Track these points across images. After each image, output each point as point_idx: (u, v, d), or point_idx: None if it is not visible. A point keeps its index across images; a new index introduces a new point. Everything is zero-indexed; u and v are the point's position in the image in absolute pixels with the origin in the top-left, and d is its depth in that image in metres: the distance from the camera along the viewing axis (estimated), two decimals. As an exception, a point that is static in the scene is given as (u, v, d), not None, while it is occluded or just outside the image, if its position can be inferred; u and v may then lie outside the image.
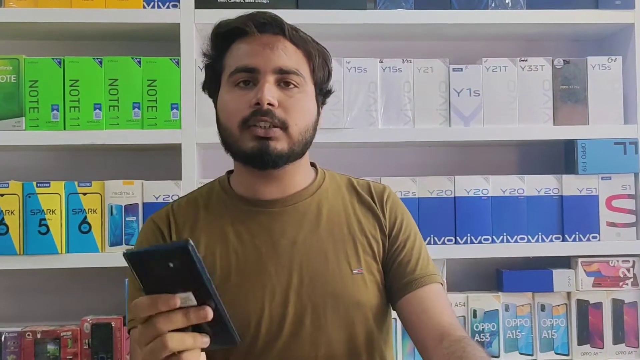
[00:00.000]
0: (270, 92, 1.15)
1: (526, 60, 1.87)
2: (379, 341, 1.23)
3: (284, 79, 1.17)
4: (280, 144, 1.16)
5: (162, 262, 0.84)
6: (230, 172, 1.30)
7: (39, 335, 1.76)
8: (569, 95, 1.88)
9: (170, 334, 0.86)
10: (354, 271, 1.20)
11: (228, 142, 1.20)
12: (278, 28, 1.19)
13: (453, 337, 1.13)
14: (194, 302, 0.86)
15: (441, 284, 1.25)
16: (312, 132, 1.21)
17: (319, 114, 1.24)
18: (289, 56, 1.18)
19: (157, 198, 1.78)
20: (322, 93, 1.26)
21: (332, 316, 1.18)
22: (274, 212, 1.22)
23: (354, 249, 1.22)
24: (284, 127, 1.16)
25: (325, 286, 1.18)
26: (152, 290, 0.86)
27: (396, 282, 1.23)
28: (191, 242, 0.82)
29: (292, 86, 1.18)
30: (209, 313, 0.86)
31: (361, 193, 1.28)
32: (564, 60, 1.89)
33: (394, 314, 1.27)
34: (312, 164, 1.32)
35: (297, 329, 1.17)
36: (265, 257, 1.19)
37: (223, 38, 1.21)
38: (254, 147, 1.16)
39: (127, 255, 0.84)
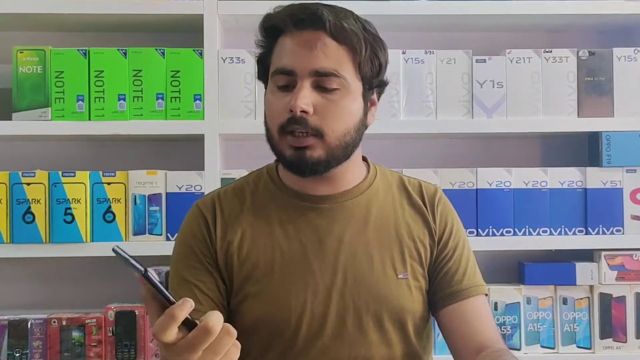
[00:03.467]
0: (304, 99, 1.11)
1: (550, 52, 1.85)
2: (418, 347, 1.21)
3: (321, 82, 1.13)
4: (316, 152, 1.14)
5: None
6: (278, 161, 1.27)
7: (64, 322, 1.79)
8: (594, 87, 1.86)
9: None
10: (399, 276, 1.19)
11: (271, 144, 1.19)
12: (319, 24, 1.13)
13: (491, 349, 1.13)
14: None
15: (486, 294, 1.23)
16: (354, 133, 1.16)
17: (366, 111, 1.20)
18: (329, 55, 1.13)
19: (180, 188, 1.79)
20: (374, 87, 1.21)
21: (374, 319, 1.17)
22: (322, 209, 1.20)
23: (401, 252, 1.20)
24: (320, 134, 1.13)
25: (369, 288, 1.17)
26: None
27: (441, 290, 1.21)
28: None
29: (331, 89, 1.14)
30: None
31: (412, 194, 1.26)
32: (589, 52, 1.86)
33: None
34: (364, 159, 1.28)
35: (338, 330, 1.16)
36: (310, 254, 1.18)
37: (268, 32, 1.18)
38: (292, 156, 1.14)
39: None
